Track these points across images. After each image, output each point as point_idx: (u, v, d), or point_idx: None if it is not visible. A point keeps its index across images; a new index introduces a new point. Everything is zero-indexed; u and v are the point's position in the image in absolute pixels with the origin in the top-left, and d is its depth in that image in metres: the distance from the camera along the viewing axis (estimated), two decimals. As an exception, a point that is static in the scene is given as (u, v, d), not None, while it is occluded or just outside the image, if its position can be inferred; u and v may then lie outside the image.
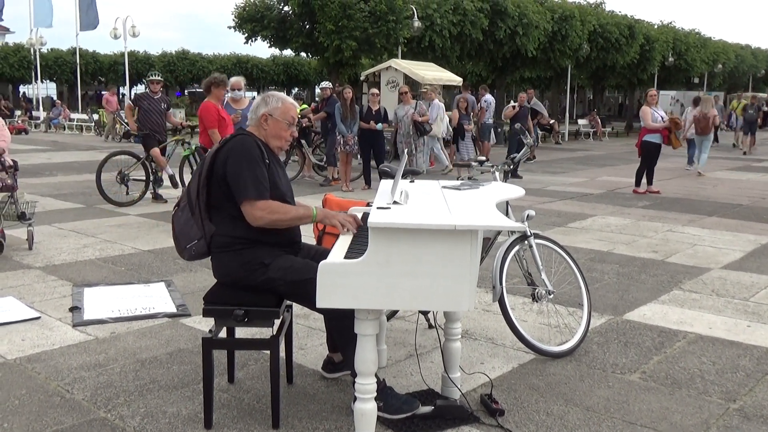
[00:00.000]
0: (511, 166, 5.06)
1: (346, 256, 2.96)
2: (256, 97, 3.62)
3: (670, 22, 36.35)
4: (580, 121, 30.44)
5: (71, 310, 5.05)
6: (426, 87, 15.28)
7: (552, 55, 27.09)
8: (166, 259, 6.63)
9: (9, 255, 6.67)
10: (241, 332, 4.04)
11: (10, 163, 6.67)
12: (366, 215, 3.53)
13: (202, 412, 3.33)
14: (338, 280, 2.80)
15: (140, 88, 40.96)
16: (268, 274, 3.26)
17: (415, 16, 21.62)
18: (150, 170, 10.02)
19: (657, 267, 6.63)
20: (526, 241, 4.36)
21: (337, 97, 12.63)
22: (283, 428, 3.30)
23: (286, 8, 22.15)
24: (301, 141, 13.12)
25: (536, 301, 4.44)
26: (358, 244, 3.13)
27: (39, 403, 3.56)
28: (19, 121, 29.19)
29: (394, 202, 3.16)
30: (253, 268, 3.28)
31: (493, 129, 17.62)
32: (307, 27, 22.26)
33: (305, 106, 14.24)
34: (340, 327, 3.18)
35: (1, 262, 6.44)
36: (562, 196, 11.58)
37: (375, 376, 2.98)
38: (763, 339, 4.66)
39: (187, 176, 10.36)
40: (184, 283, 5.80)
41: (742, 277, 6.32)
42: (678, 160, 17.08)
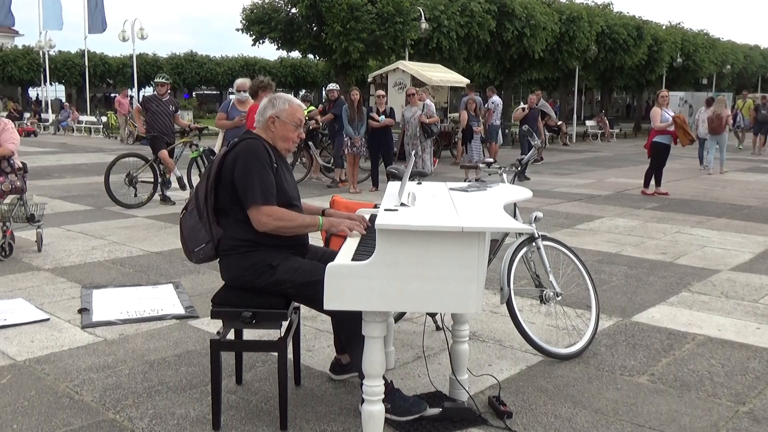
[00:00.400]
0: (519, 168, 5.06)
1: (354, 258, 2.96)
2: (263, 99, 3.62)
3: (679, 23, 36.29)
4: (588, 123, 30.36)
5: (80, 311, 5.07)
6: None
7: (560, 57, 27.03)
8: (174, 261, 6.65)
9: (18, 257, 6.71)
10: (249, 334, 4.05)
11: (20, 165, 6.71)
12: (373, 217, 3.53)
13: (210, 413, 3.34)
14: (346, 282, 2.81)
15: (148, 91, 41.13)
16: (276, 276, 3.27)
17: (423, 18, 21.63)
18: (158, 172, 10.05)
19: (665, 269, 6.61)
20: (534, 243, 4.36)
21: (345, 99, 12.64)
22: (290, 430, 3.30)
23: (294, 10, 22.17)
24: (309, 143, 13.14)
25: (544, 303, 4.43)
26: (366, 246, 3.12)
27: (48, 404, 3.58)
28: (28, 124, 29.34)
29: (402, 204, 3.16)
30: (261, 271, 3.28)
31: (501, 130, 17.60)
32: (315, 29, 22.29)
33: (312, 108, 14.24)
34: (348, 329, 3.18)
35: (10, 263, 6.48)
36: (569, 197, 11.56)
37: (383, 377, 2.98)
38: (773, 341, 4.64)
39: (195, 178, 10.44)
40: (192, 285, 5.82)
41: (752, 278, 6.29)
42: (686, 161, 17.02)
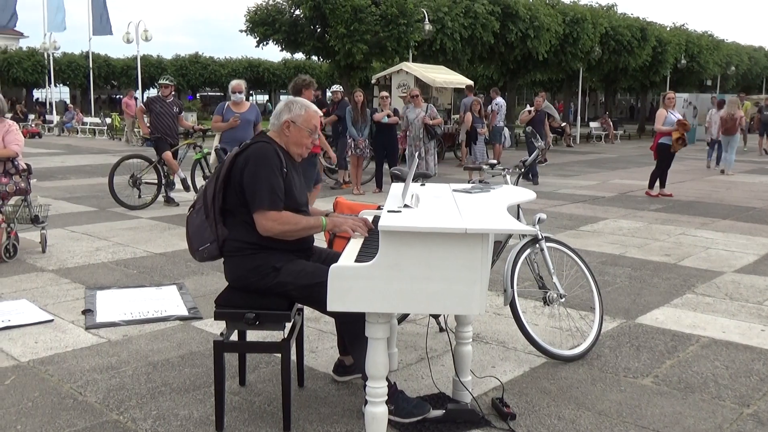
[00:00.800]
0: (523, 170, 5.05)
1: (357, 260, 2.95)
2: (280, 103, 3.58)
3: (683, 25, 36.25)
4: (592, 124, 30.33)
5: (84, 312, 5.08)
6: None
7: (563, 58, 27.03)
8: (177, 262, 6.65)
9: (22, 258, 6.72)
10: (253, 335, 4.06)
11: (24, 167, 6.72)
12: (377, 218, 3.52)
13: (213, 414, 3.34)
14: (349, 283, 2.80)
15: (152, 92, 41.21)
16: (280, 278, 3.27)
17: (426, 20, 21.65)
18: (162, 173, 10.06)
19: (670, 270, 6.59)
20: (538, 245, 4.35)
21: (348, 101, 12.65)
22: (293, 431, 3.30)
23: (298, 12, 22.22)
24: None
25: (548, 305, 4.43)
26: (369, 248, 3.12)
27: (52, 405, 3.58)
28: (33, 125, 29.41)
29: (405, 206, 3.16)
30: (265, 272, 3.28)
31: (509, 132, 17.57)
32: (319, 30, 22.33)
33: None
34: (351, 330, 3.18)
35: (14, 264, 6.49)
36: (573, 199, 11.54)
37: (386, 379, 2.98)
38: (778, 343, 4.63)
39: (199, 179, 10.46)
40: (195, 286, 5.82)
41: (756, 280, 6.27)
42: (691, 162, 17.00)
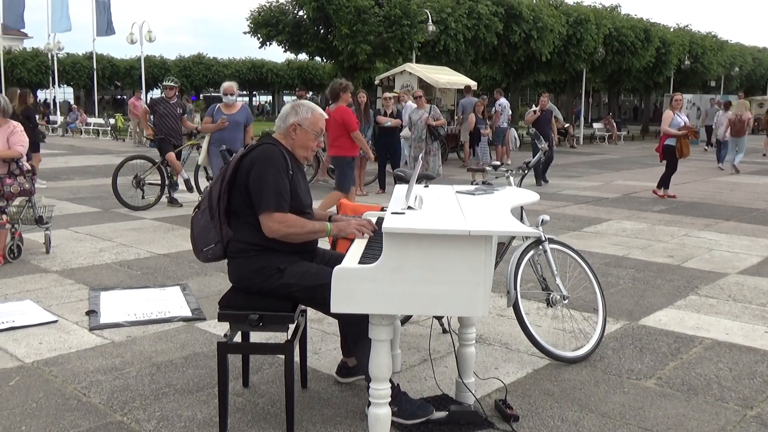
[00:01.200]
0: (526, 171, 5.05)
1: (361, 261, 2.96)
2: (286, 105, 3.61)
3: (687, 25, 36.21)
4: (596, 125, 30.31)
5: (88, 313, 5.09)
6: (398, 92, 14.12)
7: (567, 59, 27.02)
8: (181, 263, 6.66)
9: (27, 258, 6.74)
10: (256, 336, 4.06)
11: (28, 168, 6.74)
12: (380, 220, 3.53)
13: (217, 416, 3.34)
14: (352, 285, 2.81)
15: (156, 93, 41.27)
16: (283, 279, 3.27)
17: (430, 20, 21.65)
18: (165, 174, 10.09)
19: (673, 272, 6.59)
20: (541, 246, 4.35)
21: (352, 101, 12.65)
22: (297, 433, 3.31)
23: (301, 13, 22.25)
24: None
25: (551, 306, 4.43)
26: (373, 249, 3.12)
27: (56, 406, 3.59)
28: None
29: (409, 207, 3.16)
30: (269, 274, 3.29)
31: (516, 134, 17.53)
32: (322, 31, 22.35)
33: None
34: (355, 332, 3.18)
35: (18, 265, 6.51)
36: (576, 200, 11.53)
37: (389, 381, 2.98)
38: (781, 345, 4.62)
39: (202, 180, 10.48)
40: (199, 287, 5.83)
41: (760, 282, 6.26)
42: (695, 163, 16.98)
